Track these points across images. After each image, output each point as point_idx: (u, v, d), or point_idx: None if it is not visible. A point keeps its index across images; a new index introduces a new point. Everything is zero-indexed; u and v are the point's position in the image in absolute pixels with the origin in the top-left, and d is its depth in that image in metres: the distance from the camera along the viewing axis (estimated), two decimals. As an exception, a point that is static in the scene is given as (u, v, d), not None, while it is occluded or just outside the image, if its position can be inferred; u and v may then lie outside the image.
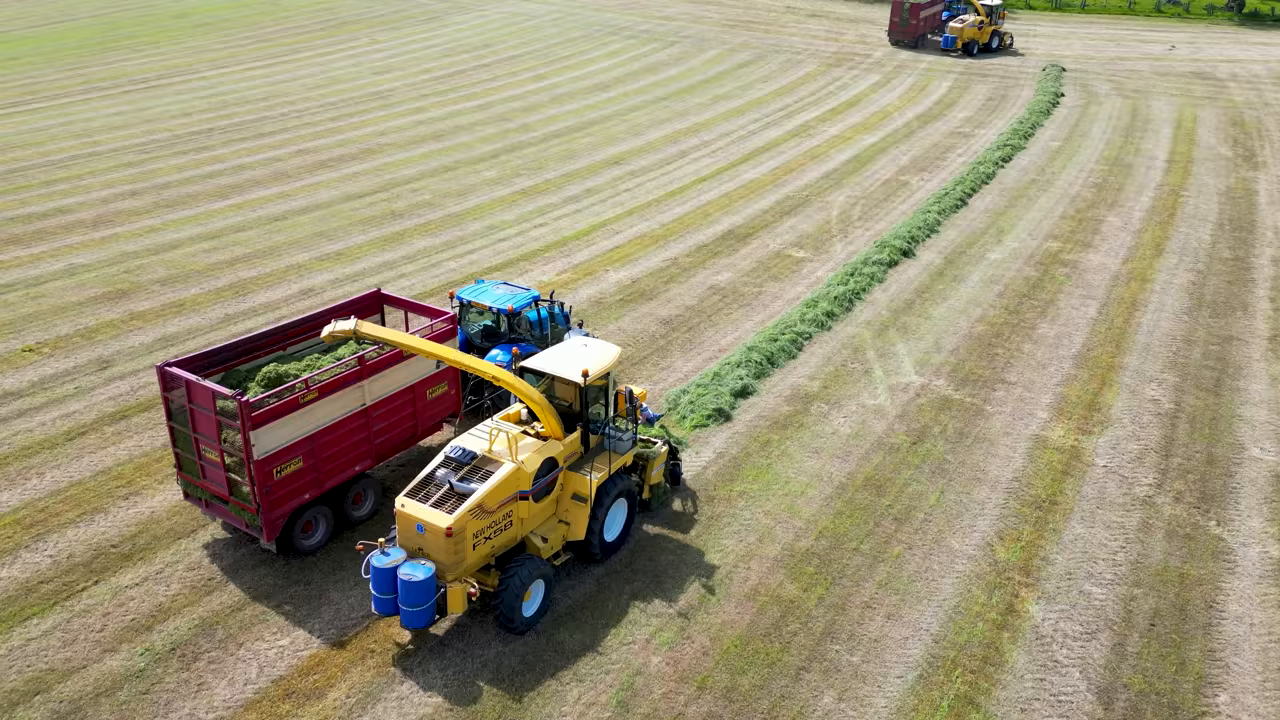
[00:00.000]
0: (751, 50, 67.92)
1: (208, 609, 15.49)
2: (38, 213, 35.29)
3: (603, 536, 16.75)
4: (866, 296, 29.30)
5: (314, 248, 32.19)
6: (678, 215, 36.36)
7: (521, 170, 41.36)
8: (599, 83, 58.40)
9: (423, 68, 62.51)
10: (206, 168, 41.09)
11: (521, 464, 15.19)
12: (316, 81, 59.22)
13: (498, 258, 31.65)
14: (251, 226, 34.05)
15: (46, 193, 37.63)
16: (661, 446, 18.53)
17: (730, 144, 46.22)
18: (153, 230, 33.63)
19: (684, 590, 16.51)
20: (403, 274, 30.05)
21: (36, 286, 28.47)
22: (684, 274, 30.72)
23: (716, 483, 19.68)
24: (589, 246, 32.93)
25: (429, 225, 34.56)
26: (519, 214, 36.00)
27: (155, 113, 51.25)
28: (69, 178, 39.67)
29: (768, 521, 18.54)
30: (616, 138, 46.76)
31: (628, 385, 18.23)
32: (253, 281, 29.18)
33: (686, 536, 17.96)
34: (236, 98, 54.90)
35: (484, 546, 14.85)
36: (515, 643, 15.11)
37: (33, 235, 33.01)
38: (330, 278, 29.60)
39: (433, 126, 48.05)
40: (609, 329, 26.59)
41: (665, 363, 24.82)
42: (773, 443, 21.24)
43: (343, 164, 41.81)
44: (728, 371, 23.85)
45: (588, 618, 15.76)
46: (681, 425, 21.75)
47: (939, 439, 21.70)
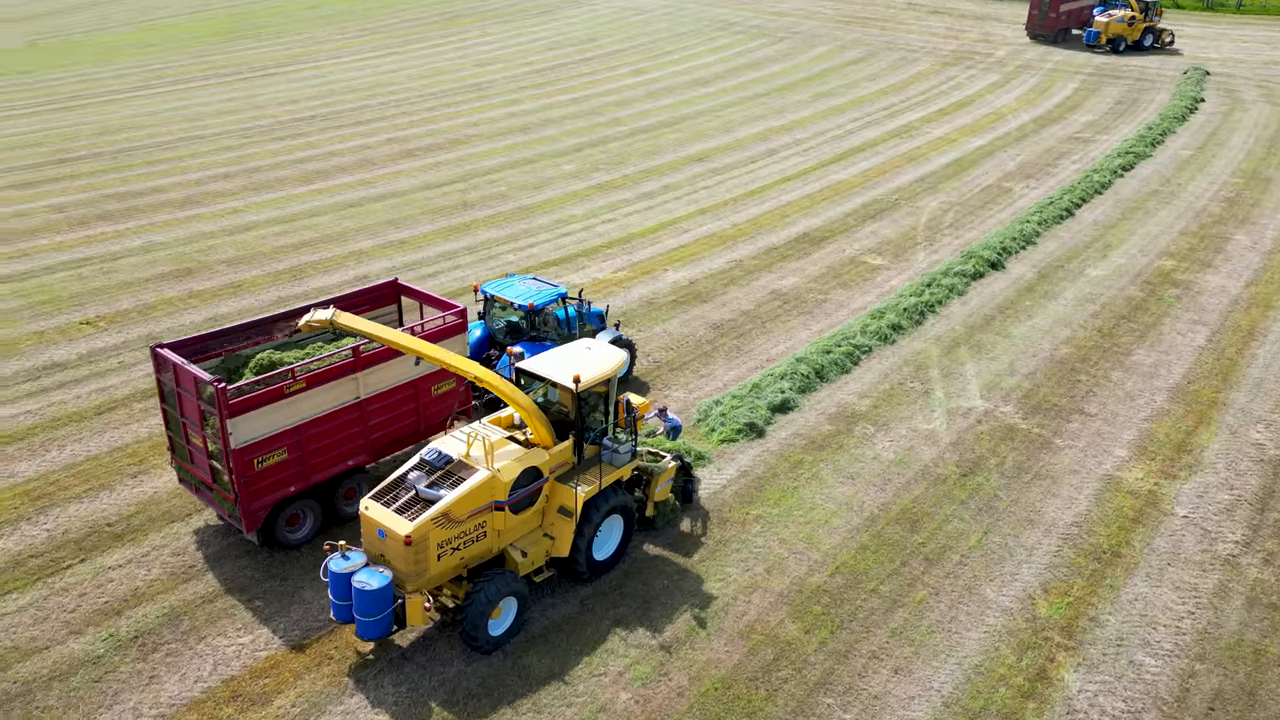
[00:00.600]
0: (863, 47, 65.22)
1: (180, 598, 15.19)
2: (133, 191, 36.69)
3: (591, 555, 15.64)
4: (941, 310, 27.11)
5: (380, 235, 32.22)
6: (752, 215, 34.80)
7: (601, 165, 40.57)
8: (698, 78, 57.12)
9: (526, 60, 62.62)
10: (299, 153, 41.97)
11: (497, 472, 14.24)
12: (420, 72, 60.10)
13: (558, 252, 30.90)
14: (326, 212, 34.40)
15: (147, 172, 39.15)
16: (669, 461, 17.26)
17: (824, 143, 44.20)
18: (234, 212, 34.42)
19: (672, 620, 15.23)
20: (459, 265, 29.66)
21: (112, 262, 29.42)
22: (746, 277, 29.22)
23: (734, 504, 18.26)
24: (653, 244, 31.79)
25: (497, 217, 34.15)
26: (589, 209, 35.19)
27: (265, 99, 52.94)
28: (171, 159, 41.21)
29: (781, 551, 17.02)
30: (705, 134, 45.42)
31: (627, 395, 17.06)
32: (312, 266, 29.34)
33: (688, 561, 16.65)
34: (343, 87, 56.21)
35: (451, 558, 13.98)
36: (480, 662, 14.18)
37: (124, 212, 34.28)
38: (387, 265, 29.48)
39: (523, 119, 47.84)
40: (653, 331, 25.41)
41: (706, 370, 23.46)
42: (804, 464, 19.64)
43: (428, 153, 41.99)
44: (769, 383, 22.31)
45: (562, 642, 14.69)
46: (709, 439, 20.39)
47: (993, 472, 19.60)
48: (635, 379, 22.82)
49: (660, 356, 24.04)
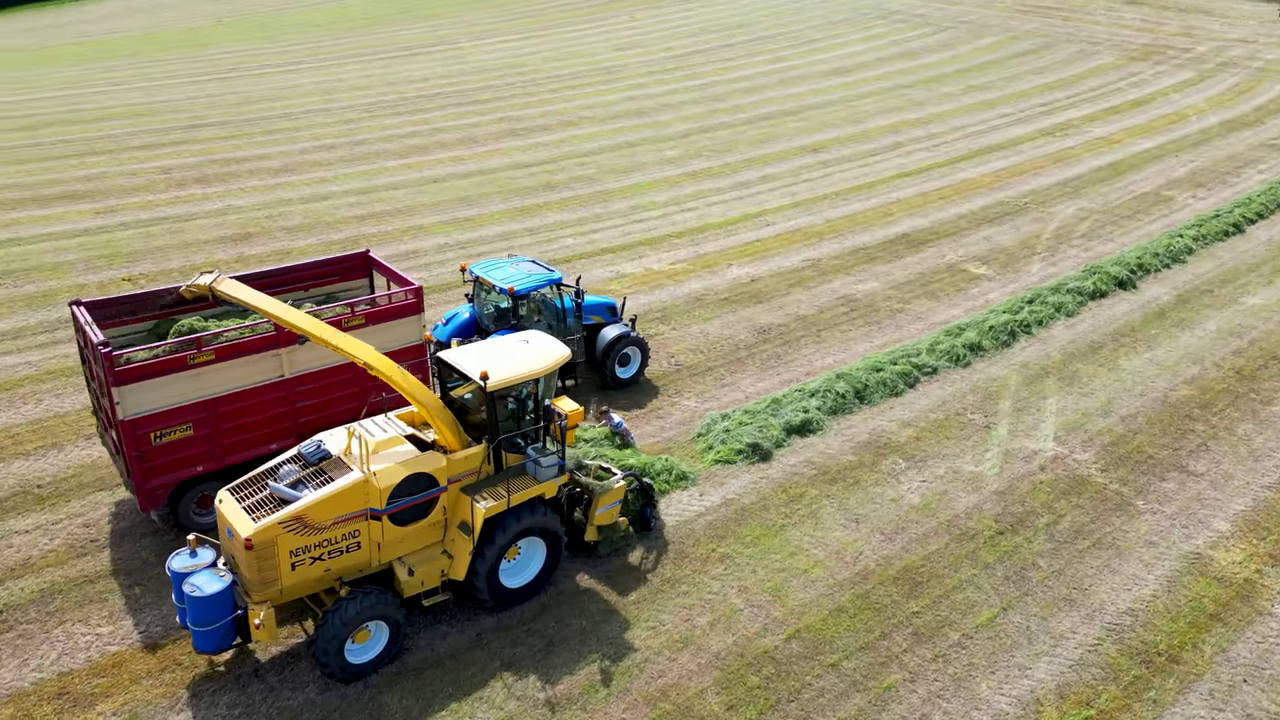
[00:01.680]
0: (1037, 39, 59.03)
1: (64, 573, 14.24)
2: (240, 158, 37.50)
3: (496, 580, 13.47)
4: (1040, 331, 22.98)
5: (448, 211, 31.17)
6: (850, 212, 31.33)
7: (705, 151, 38.05)
8: (840, 67, 53.30)
9: (666, 46, 60.71)
10: (407, 129, 41.85)
11: (372, 476, 12.32)
12: (557, 55, 59.38)
13: (620, 239, 28.76)
14: (406, 186, 33.77)
15: (260, 141, 40.06)
16: (617, 480, 14.81)
17: (960, 139, 39.74)
18: (320, 181, 34.40)
19: (573, 671, 12.82)
20: (513, 245, 28.07)
21: (184, 222, 29.80)
22: (819, 278, 26.02)
23: (702, 537, 15.56)
24: (727, 237, 29.06)
25: (574, 200, 32.39)
26: (674, 196, 32.81)
27: (398, 77, 53.66)
28: (289, 129, 42.06)
29: (736, 601, 14.21)
30: (828, 124, 41.92)
31: (565, 399, 14.70)
32: (367, 237, 28.57)
33: (621, 600, 14.16)
34: (476, 67, 56.26)
35: (312, 568, 12.20)
36: (334, 693, 12.34)
37: (220, 176, 34.98)
38: (439, 242, 28.32)
39: (642, 103, 45.94)
40: (689, 330, 22.82)
41: (731, 379, 20.68)
42: (805, 499, 16.62)
43: (533, 134, 40.85)
44: (794, 400, 19.29)
45: (436, 680, 12.61)
46: (702, 457, 17.71)
47: (1039, 533, 15.88)
48: (646, 381, 20.38)
49: (685, 359, 21.46)
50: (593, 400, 19.52)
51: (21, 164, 36.42)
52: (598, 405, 19.13)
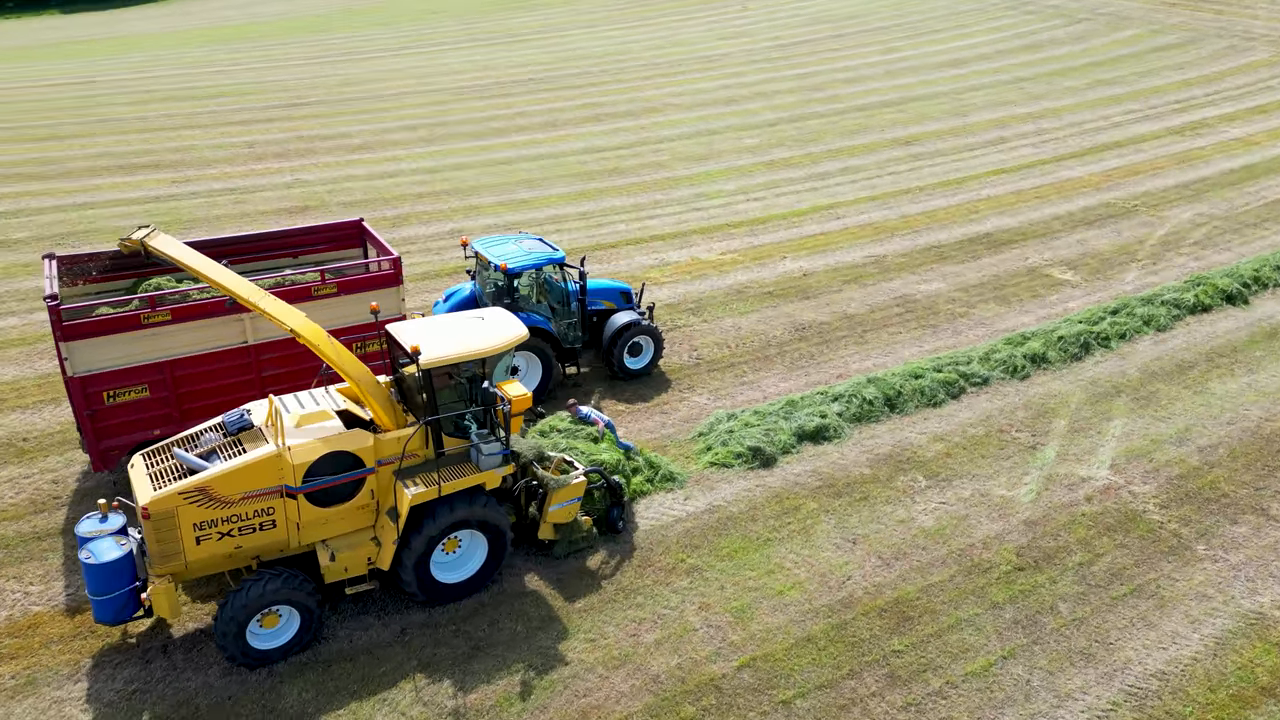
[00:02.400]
0: (1183, 32, 54.02)
1: (17, 528, 14.08)
2: (323, 135, 38.05)
3: (427, 573, 12.46)
4: (1121, 346, 20.35)
5: (506, 193, 30.54)
6: (932, 208, 28.96)
7: (788, 141, 36.18)
8: (955, 59, 50.12)
9: (773, 35, 58.74)
10: (492, 112, 41.64)
11: (286, 451, 11.51)
12: (660, 43, 58.33)
13: (673, 227, 27.40)
14: (473, 167, 33.38)
15: (350, 119, 40.60)
16: (576, 477, 13.55)
17: (1072, 136, 36.43)
18: (391, 160, 34.43)
19: (491, 680, 11.66)
20: (561, 229, 27.13)
21: (250, 194, 30.23)
22: (879, 275, 23.98)
23: (674, 544, 14.12)
24: (789, 228, 27.28)
25: (638, 186, 31.22)
26: (743, 185, 31.19)
27: (497, 62, 53.79)
28: (379, 109, 42.53)
29: (693, 620, 12.73)
30: (928, 117, 39.25)
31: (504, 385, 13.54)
32: (418, 215, 28.22)
33: (567, 606, 12.91)
34: (578, 53, 55.82)
35: (220, 544, 11.48)
36: (235, 678, 11.59)
37: (300, 151, 35.51)
38: (488, 222, 27.66)
39: (733, 92, 44.33)
40: (720, 324, 21.28)
41: (753, 377, 19.06)
42: (801, 512, 14.92)
43: (615, 119, 39.91)
44: (813, 404, 17.55)
45: (342, 676, 11.70)
46: (698, 458, 16.24)
47: (1068, 573, 13.70)
48: (659, 374, 19.02)
49: (708, 353, 19.97)
50: (597, 390, 18.33)
51: (123, 134, 38.02)
52: (599, 396, 17.92)
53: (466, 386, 12.59)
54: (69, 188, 30.80)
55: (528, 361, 17.28)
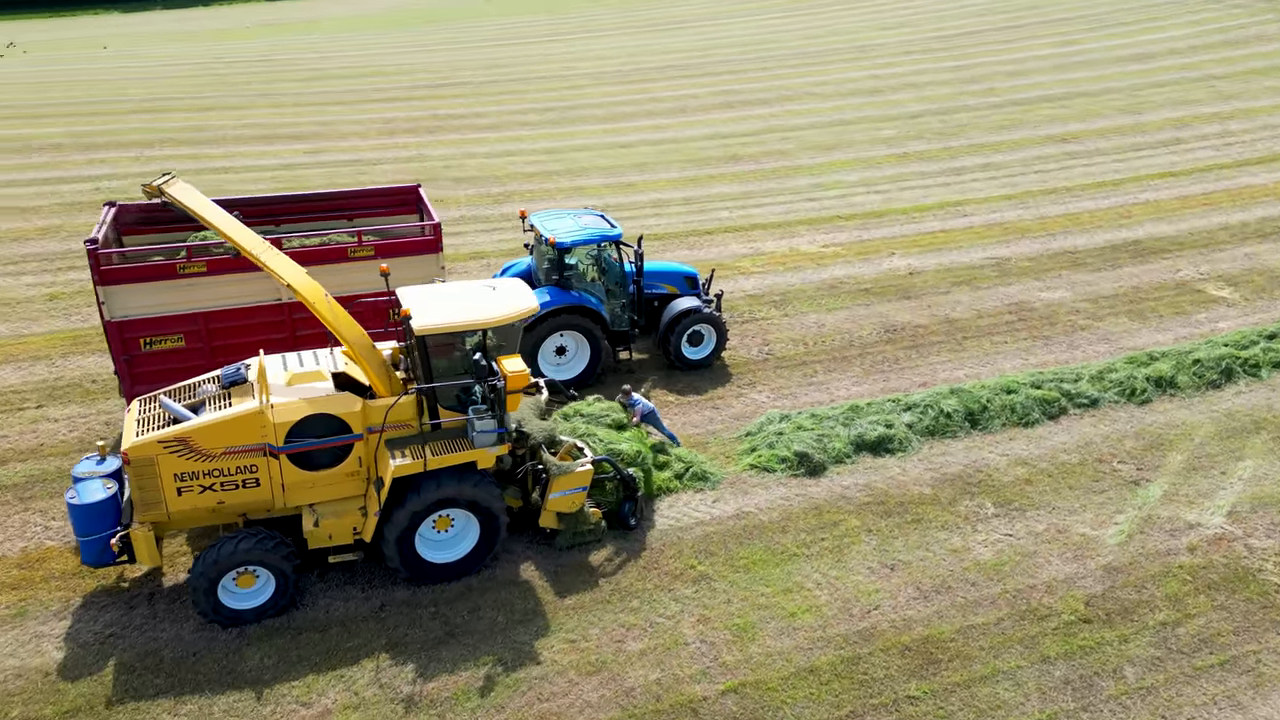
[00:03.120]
0: None
1: (59, 465, 14.47)
2: (457, 114, 38.73)
3: (412, 549, 11.86)
4: (1274, 376, 17.43)
5: (616, 175, 29.90)
6: (1076, 210, 26.15)
7: (928, 134, 33.80)
8: (1140, 53, 45.63)
9: (937, 25, 55.55)
10: (626, 97, 41.25)
11: (269, 409, 11.16)
12: (816, 31, 56.32)
13: (779, 216, 25.93)
14: (591, 150, 32.97)
15: (487, 100, 41.23)
16: (582, 465, 12.59)
17: (1264, 139, 32.25)
18: (514, 139, 34.55)
19: (457, 670, 10.91)
20: (660, 213, 26.21)
21: (371, 166, 30.94)
22: (997, 279, 21.71)
23: (687, 549, 12.93)
24: (906, 224, 25.25)
25: (753, 173, 29.88)
26: (867, 177, 29.26)
27: (646, 49, 53.45)
28: (518, 92, 42.99)
29: (687, 633, 11.53)
30: (1094, 113, 35.75)
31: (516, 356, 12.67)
32: (521, 193, 27.98)
33: (555, 602, 11.99)
34: (725, 41, 54.70)
35: (202, 497, 11.27)
36: (206, 633, 11.34)
37: (431, 128, 36.23)
38: (588, 202, 27.05)
39: (882, 82, 42.04)
40: (804, 319, 19.76)
41: (824, 378, 17.49)
42: (840, 529, 13.38)
43: (748, 107, 38.62)
44: (880, 411, 15.85)
45: (310, 645, 11.23)
46: (739, 459, 14.93)
47: (1146, 633, 11.56)
48: (720, 366, 17.78)
49: (781, 349, 18.52)
50: (651, 378, 17.30)
51: (278, 107, 40.03)
52: (651, 384, 16.89)
53: (471, 358, 11.90)
54: (213, 153, 32.56)
55: (576, 343, 16.47)
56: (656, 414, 14.69)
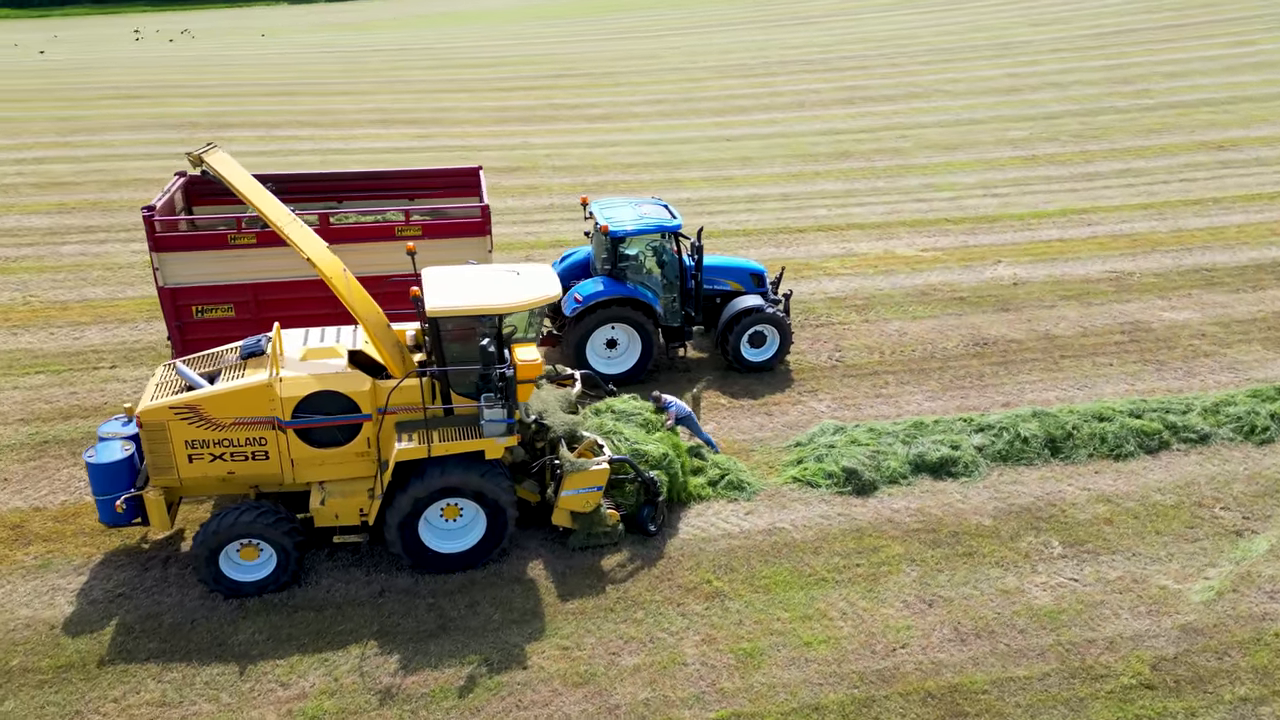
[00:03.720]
0: None
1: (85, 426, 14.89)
2: (572, 104, 38.74)
3: (415, 536, 11.50)
4: None
5: (715, 169, 29.10)
6: (1222, 224, 23.65)
7: (1062, 135, 31.39)
8: (1329, 55, 41.13)
9: (1094, 22, 51.86)
10: (745, 91, 40.33)
11: (277, 382, 11.03)
12: (957, 28, 53.62)
13: (879, 216, 24.50)
14: (697, 143, 32.27)
15: (604, 91, 41.13)
16: (597, 464, 11.92)
17: None
18: (621, 130, 34.22)
19: (440, 666, 10.42)
20: (754, 209, 25.23)
21: (477, 151, 31.14)
22: (1112, 295, 19.72)
23: (708, 561, 12.06)
24: (1020, 231, 23.37)
25: (860, 171, 28.45)
26: (985, 179, 27.34)
27: (766, 44, 52.27)
28: (635, 84, 42.72)
29: (689, 652, 10.69)
30: (1261, 120, 32.47)
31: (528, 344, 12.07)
32: (616, 184, 27.54)
33: (556, 605, 11.37)
34: (862, 36, 52.87)
35: (213, 466, 11.25)
36: (208, 603, 11.24)
37: (543, 118, 36.32)
38: (682, 195, 26.36)
39: (1022, 81, 39.48)
40: (884, 326, 18.43)
41: (895, 390, 16.18)
42: (879, 555, 12.20)
43: (869, 103, 37.01)
44: (947, 430, 14.48)
45: (302, 625, 10.99)
46: (781, 470, 13.92)
47: (1220, 708, 9.94)
48: (783, 370, 16.74)
49: (854, 356, 17.29)
50: (706, 378, 16.45)
51: (400, 94, 41.11)
52: (703, 385, 16.05)
53: (492, 343, 11.44)
54: (331, 134, 33.63)
55: (628, 336, 15.81)
56: (694, 418, 13.87)
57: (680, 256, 16.09)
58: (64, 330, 18.24)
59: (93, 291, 19.81)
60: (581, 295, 15.45)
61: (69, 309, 19.18)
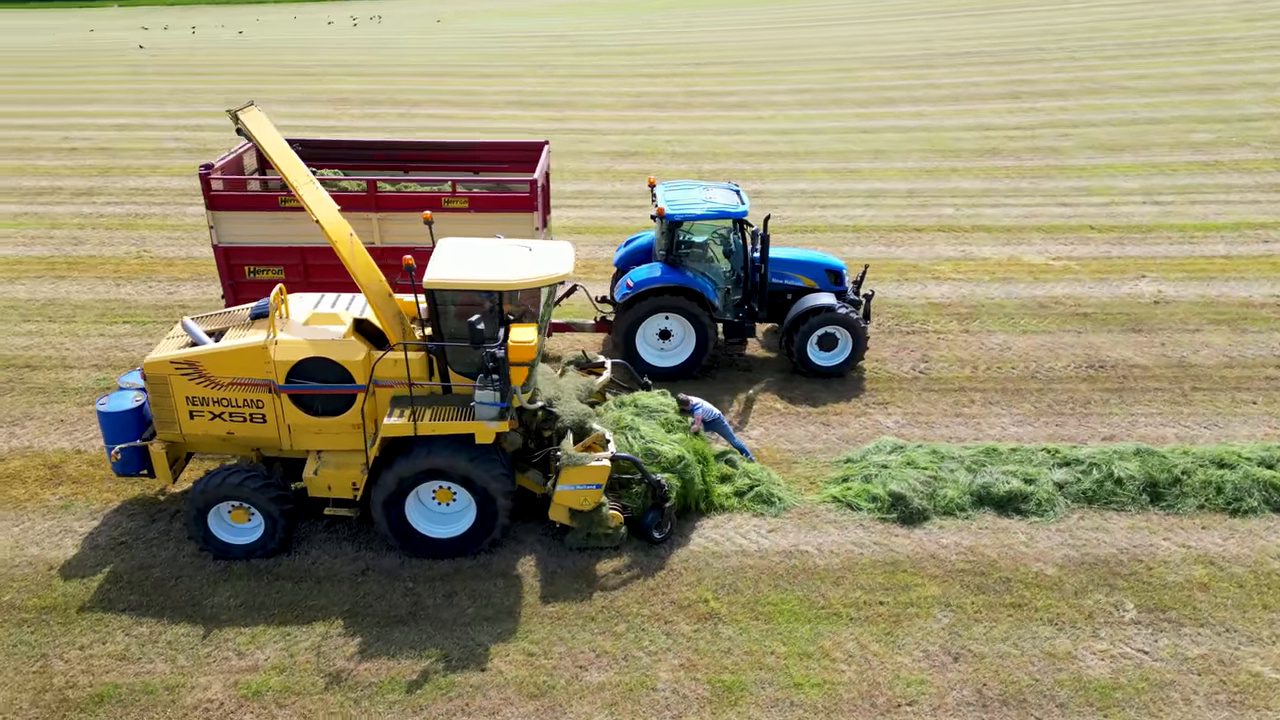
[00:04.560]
0: None
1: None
2: (710, 91, 37.66)
3: (403, 517, 10.96)
4: None
5: (841, 161, 27.33)
6: None
7: (1255, 140, 27.62)
8: None
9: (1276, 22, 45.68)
10: (897, 83, 38.04)
11: (272, 345, 10.75)
12: (1153, 22, 48.69)
13: (1013, 219, 22.17)
14: (830, 133, 30.54)
15: (746, 79, 39.86)
16: (596, 460, 10.97)
17: None
18: (755, 119, 32.88)
19: (396, 656, 9.79)
20: (873, 204, 23.42)
21: (598, 135, 30.68)
22: (1275, 323, 16.86)
23: (711, 579, 10.88)
24: (1178, 244, 20.55)
25: (1005, 170, 25.99)
26: (1150, 184, 24.34)
27: (932, 35, 49.29)
28: (781, 73, 41.20)
29: (662, 677, 9.59)
30: None
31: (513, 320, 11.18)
32: (730, 172, 26.25)
33: (535, 605, 10.53)
34: (1035, 29, 48.92)
35: (213, 424, 11.12)
36: (196, 563, 11.05)
37: (677, 104, 35.44)
38: (799, 187, 24.88)
39: (1219, 79, 35.21)
40: (986, 338, 16.47)
41: (978, 411, 14.31)
42: (908, 594, 10.64)
43: (1034, 98, 33.99)
44: (1024, 461, 12.59)
45: (276, 596, 10.64)
46: (821, 488, 12.49)
47: (1296, 840, 7.93)
48: (855, 378, 15.17)
49: (941, 369, 15.49)
50: (766, 379, 15.16)
51: (547, 78, 41.26)
52: (762, 387, 14.74)
53: (483, 320, 10.75)
54: (471, 114, 34.04)
55: (683, 328, 14.74)
56: (724, 421, 12.67)
57: (745, 242, 14.84)
58: (162, 285, 19.06)
59: (200, 250, 20.63)
60: (634, 281, 14.52)
61: (173, 265, 20.06)
